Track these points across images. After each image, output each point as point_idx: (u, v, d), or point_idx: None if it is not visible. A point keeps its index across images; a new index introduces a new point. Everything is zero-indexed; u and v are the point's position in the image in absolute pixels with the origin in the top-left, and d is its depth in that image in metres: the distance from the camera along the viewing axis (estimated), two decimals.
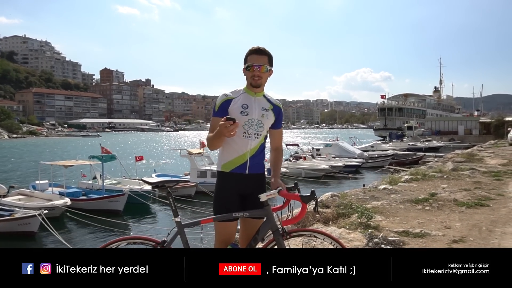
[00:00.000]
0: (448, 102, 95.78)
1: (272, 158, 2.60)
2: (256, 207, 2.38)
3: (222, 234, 2.44)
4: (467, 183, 8.01)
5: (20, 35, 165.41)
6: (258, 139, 2.46)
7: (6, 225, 12.15)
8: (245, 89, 2.51)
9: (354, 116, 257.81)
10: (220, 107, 2.44)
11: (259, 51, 2.47)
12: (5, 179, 22.62)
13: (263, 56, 2.46)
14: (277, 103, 2.58)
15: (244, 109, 2.43)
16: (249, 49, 2.50)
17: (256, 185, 2.46)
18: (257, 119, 2.44)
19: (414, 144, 41.10)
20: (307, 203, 2.27)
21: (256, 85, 2.46)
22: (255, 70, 2.42)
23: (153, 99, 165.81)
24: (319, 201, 6.33)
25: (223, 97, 2.47)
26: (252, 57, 2.45)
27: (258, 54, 2.45)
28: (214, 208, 2.45)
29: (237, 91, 2.51)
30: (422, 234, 4.33)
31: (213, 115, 2.46)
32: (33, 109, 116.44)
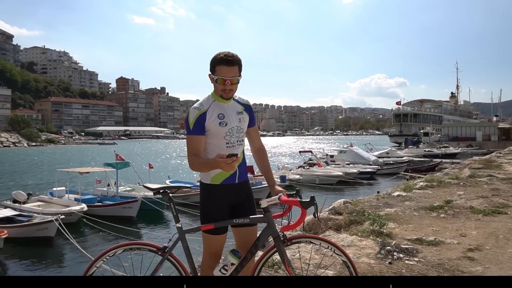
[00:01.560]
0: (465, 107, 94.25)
1: (260, 163, 2.56)
2: (246, 214, 2.36)
3: (212, 246, 2.38)
4: (484, 190, 7.79)
5: (39, 46, 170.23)
6: (242, 145, 2.43)
7: (25, 230, 12.41)
8: (214, 96, 2.33)
9: (369, 122, 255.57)
10: (195, 124, 2.25)
11: (230, 61, 2.22)
12: (25, 186, 23.10)
13: (234, 67, 2.24)
14: (246, 102, 2.44)
15: (221, 119, 2.29)
16: (216, 56, 2.25)
17: (245, 194, 2.43)
18: (236, 126, 2.34)
19: (430, 150, 40.45)
20: (307, 208, 2.23)
21: (227, 98, 2.31)
22: (226, 84, 2.24)
23: (168, 106, 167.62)
24: (331, 208, 6.35)
25: (195, 112, 2.26)
26: (221, 68, 2.22)
27: (228, 65, 2.22)
28: (204, 219, 2.34)
29: (207, 100, 2.32)
30: (436, 242, 4.21)
31: (189, 133, 2.26)
32: (51, 118, 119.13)
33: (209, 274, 2.35)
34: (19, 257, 11.48)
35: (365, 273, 3.38)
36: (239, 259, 2.30)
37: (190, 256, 2.36)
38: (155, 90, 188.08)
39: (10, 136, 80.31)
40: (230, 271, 2.28)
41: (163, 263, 2.32)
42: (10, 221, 13.18)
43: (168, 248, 2.32)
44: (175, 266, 2.35)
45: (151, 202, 15.32)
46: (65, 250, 12.18)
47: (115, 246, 2.34)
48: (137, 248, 2.37)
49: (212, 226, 2.31)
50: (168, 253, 2.32)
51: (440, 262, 3.62)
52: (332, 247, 2.33)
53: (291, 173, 24.95)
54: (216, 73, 2.24)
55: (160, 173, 25.69)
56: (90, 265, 2.31)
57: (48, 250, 12.15)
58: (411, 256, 3.80)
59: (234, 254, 2.30)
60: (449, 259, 3.72)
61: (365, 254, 3.87)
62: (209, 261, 2.39)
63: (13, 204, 15.23)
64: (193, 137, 2.26)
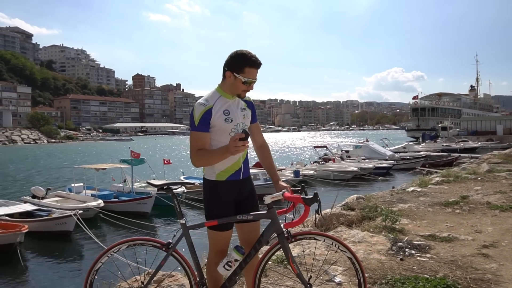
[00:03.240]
0: (485, 101, 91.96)
1: (263, 159, 2.55)
2: (250, 209, 2.37)
3: (217, 243, 2.38)
4: (503, 185, 7.59)
5: (58, 45, 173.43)
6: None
7: (44, 224, 12.75)
8: (220, 91, 2.30)
9: (385, 117, 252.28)
10: (200, 120, 2.20)
11: (260, 63, 2.25)
12: (44, 182, 23.66)
13: (258, 68, 2.27)
14: (248, 99, 2.43)
15: (227, 116, 2.26)
16: (245, 56, 2.22)
17: (248, 189, 2.44)
18: (241, 122, 2.33)
19: (448, 145, 39.67)
20: (310, 205, 2.20)
21: (243, 97, 2.34)
22: (251, 86, 2.27)
23: (183, 103, 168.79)
24: (344, 203, 6.28)
25: (201, 108, 2.21)
26: (252, 71, 2.23)
27: (257, 68, 2.25)
28: (209, 216, 2.34)
29: (212, 96, 2.29)
30: (450, 239, 4.12)
31: (194, 130, 2.22)
32: (70, 115, 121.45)
33: (214, 271, 2.36)
34: (39, 251, 11.80)
35: (375, 269, 3.33)
36: (243, 255, 2.29)
37: (194, 252, 2.36)
38: (170, 86, 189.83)
39: (31, 133, 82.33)
40: (234, 268, 2.28)
41: (168, 259, 2.34)
42: (30, 216, 13.56)
43: (172, 244, 2.33)
44: (179, 261, 2.36)
45: (165, 198, 15.48)
46: (83, 244, 12.47)
47: (119, 242, 2.36)
48: (141, 244, 2.38)
49: (216, 222, 2.29)
50: (172, 249, 2.32)
51: (453, 259, 3.53)
52: (336, 243, 2.30)
53: (306, 168, 24.85)
54: (244, 74, 2.20)
55: (175, 169, 25.90)
56: (96, 260, 2.33)
57: (67, 244, 12.46)
58: (423, 253, 3.72)
59: (238, 250, 2.29)
60: (462, 255, 3.62)
61: (376, 250, 3.80)
62: (214, 258, 2.39)
63: (32, 199, 15.65)
64: (198, 134, 2.22)
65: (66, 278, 9.75)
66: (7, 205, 14.15)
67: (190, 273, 2.34)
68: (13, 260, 10.36)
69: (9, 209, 13.48)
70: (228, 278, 2.33)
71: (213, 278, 2.42)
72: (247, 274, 2.47)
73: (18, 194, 19.20)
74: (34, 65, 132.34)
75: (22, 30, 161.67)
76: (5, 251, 10.54)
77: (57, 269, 10.52)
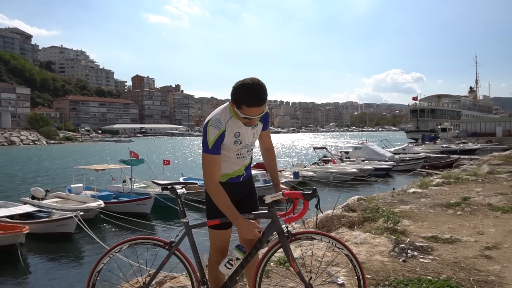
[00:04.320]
0: (484, 102, 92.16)
1: (267, 161, 2.60)
2: (250, 208, 2.41)
3: (218, 241, 2.43)
4: (504, 186, 7.58)
5: (57, 46, 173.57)
6: (251, 153, 2.47)
7: (45, 226, 12.73)
8: (232, 112, 2.24)
9: (385, 118, 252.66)
10: (214, 144, 2.20)
11: (261, 101, 2.09)
12: (43, 183, 23.62)
13: (263, 106, 2.14)
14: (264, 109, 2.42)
15: (237, 138, 2.28)
16: (244, 93, 2.07)
17: (248, 189, 2.49)
18: (250, 142, 2.37)
19: (448, 146, 39.71)
20: (309, 200, 2.26)
21: (249, 126, 2.30)
22: (252, 120, 2.20)
23: (183, 104, 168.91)
24: (345, 205, 6.27)
25: (215, 132, 2.18)
26: (251, 110, 2.10)
27: (259, 106, 2.11)
28: (211, 213, 2.37)
29: (224, 116, 2.24)
30: (452, 240, 4.11)
31: (208, 152, 2.20)
32: (69, 116, 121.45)
33: (215, 270, 2.39)
34: (40, 252, 11.78)
35: (378, 271, 3.32)
36: (244, 254, 2.32)
37: (196, 251, 2.39)
38: (170, 87, 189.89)
39: (30, 134, 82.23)
40: (235, 266, 2.31)
41: (170, 258, 2.36)
42: (30, 217, 13.52)
43: (174, 243, 2.35)
44: (181, 260, 2.38)
45: (165, 198, 15.46)
46: (84, 245, 12.46)
47: (121, 242, 2.37)
48: (142, 243, 2.39)
49: (218, 222, 2.34)
50: (175, 248, 2.35)
51: (456, 261, 3.52)
52: (333, 241, 2.33)
53: (305, 169, 24.83)
54: (242, 111, 2.11)
55: (175, 170, 25.89)
56: (98, 261, 2.33)
57: (68, 245, 12.45)
58: (425, 254, 3.70)
59: (239, 249, 2.32)
60: (465, 257, 3.61)
61: (378, 251, 3.79)
62: (215, 256, 2.43)
63: (32, 200, 15.60)
64: (212, 157, 2.23)
65: (68, 279, 9.74)
66: (7, 207, 14.12)
67: (191, 272, 2.37)
68: (14, 261, 10.36)
69: (9, 211, 13.45)
70: (229, 277, 2.35)
71: (215, 277, 2.45)
72: (248, 273, 2.48)
73: (18, 195, 19.16)
74: (33, 66, 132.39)
75: (22, 31, 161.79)
76: (6, 252, 10.53)
77: (58, 270, 10.51)
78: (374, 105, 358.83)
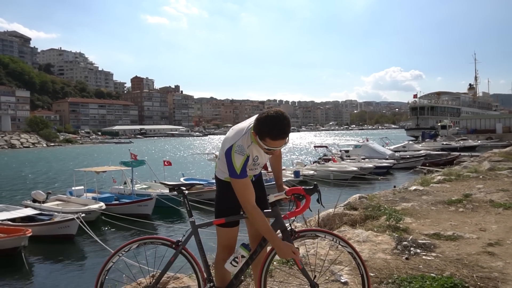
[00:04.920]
0: (484, 99, 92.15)
1: (273, 163, 2.67)
2: (259, 208, 2.40)
3: (225, 239, 2.46)
4: (505, 183, 7.59)
5: (56, 48, 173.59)
6: (262, 165, 2.53)
7: (47, 228, 12.75)
8: (253, 138, 2.24)
9: (384, 116, 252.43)
10: (242, 169, 2.24)
11: (284, 134, 2.13)
12: (44, 186, 23.63)
13: (286, 138, 2.16)
14: None
15: (256, 161, 2.39)
16: (269, 128, 2.11)
17: (258, 187, 2.49)
18: (266, 160, 2.48)
19: (448, 143, 39.72)
20: (311, 195, 2.32)
21: (269, 155, 2.39)
22: (274, 152, 2.27)
23: (182, 105, 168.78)
24: (346, 203, 6.28)
25: (240, 158, 2.22)
26: (275, 143, 2.14)
27: (283, 139, 2.14)
28: (219, 212, 2.43)
29: (246, 142, 2.27)
30: (454, 237, 4.11)
31: (238, 178, 2.24)
32: (69, 118, 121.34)
33: (222, 267, 2.42)
34: (43, 254, 11.80)
35: (381, 269, 3.32)
36: (249, 252, 2.36)
37: (203, 250, 2.42)
38: (169, 88, 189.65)
39: (30, 137, 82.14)
40: (241, 264, 2.34)
41: (177, 257, 2.39)
42: (32, 220, 13.54)
43: (181, 242, 2.39)
44: (188, 259, 2.41)
45: (166, 199, 15.47)
46: (86, 247, 12.48)
47: (130, 241, 2.40)
48: (151, 242, 2.43)
49: (223, 221, 2.39)
50: (181, 247, 2.38)
51: (459, 258, 3.53)
52: (337, 239, 2.37)
53: (306, 168, 24.84)
54: (265, 143, 2.14)
55: (175, 171, 25.89)
56: (107, 260, 2.37)
57: (70, 247, 12.48)
58: (428, 252, 3.71)
59: (245, 247, 2.36)
60: (468, 254, 3.62)
61: (381, 249, 3.80)
62: (222, 254, 2.45)
63: (33, 203, 15.60)
64: (242, 182, 2.26)
65: (71, 281, 9.76)
66: (8, 210, 14.13)
67: (198, 270, 2.40)
68: (18, 264, 10.39)
69: (10, 214, 13.47)
70: (235, 275, 2.39)
71: (221, 274, 2.47)
72: (255, 271, 2.52)
73: (19, 198, 19.16)
74: (33, 69, 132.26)
75: (20, 34, 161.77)
76: (10, 255, 10.55)
77: (61, 272, 10.54)
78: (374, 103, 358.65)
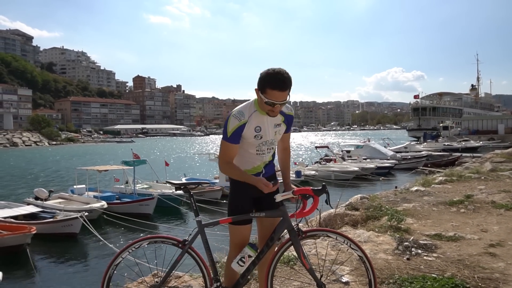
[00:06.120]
0: (486, 100, 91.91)
1: (282, 161, 2.65)
2: (270, 207, 2.41)
3: (237, 237, 2.45)
4: (506, 184, 7.59)
5: (58, 47, 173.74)
6: (271, 152, 2.49)
7: (50, 227, 12.77)
8: (256, 105, 2.29)
9: (386, 117, 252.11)
10: (233, 133, 2.26)
11: (284, 85, 2.14)
12: (46, 184, 23.67)
13: (287, 91, 2.17)
14: (289, 112, 2.43)
15: (257, 133, 2.31)
16: (269, 77, 2.14)
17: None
18: (271, 139, 2.39)
19: (450, 144, 39.63)
20: (319, 196, 2.30)
21: (273, 116, 2.31)
22: (275, 107, 2.21)
23: (184, 104, 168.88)
24: (348, 203, 6.28)
25: (235, 122, 2.25)
26: (274, 93, 2.14)
27: (282, 91, 2.15)
28: (230, 211, 2.45)
29: (249, 109, 2.29)
30: (456, 238, 4.12)
31: (226, 140, 2.29)
32: (70, 117, 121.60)
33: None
34: (46, 252, 11.83)
35: (382, 269, 3.33)
36: (256, 251, 2.36)
37: (209, 249, 2.44)
38: (171, 88, 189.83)
39: (32, 135, 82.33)
40: (247, 264, 2.35)
41: (184, 256, 2.40)
42: (34, 218, 13.58)
43: (188, 242, 2.40)
44: (195, 259, 2.42)
45: (167, 199, 15.48)
46: (89, 245, 12.50)
47: (141, 239, 2.42)
48: (161, 241, 2.46)
49: (230, 220, 2.40)
50: (188, 246, 2.39)
51: (460, 258, 3.53)
52: (348, 241, 2.35)
53: (307, 168, 24.83)
54: (266, 94, 2.16)
55: (177, 171, 25.93)
56: (117, 255, 2.39)
57: (73, 245, 12.49)
58: (429, 252, 3.72)
59: (252, 247, 2.37)
60: (469, 255, 3.63)
61: (382, 250, 3.81)
62: (234, 252, 2.45)
63: (35, 201, 15.65)
64: (229, 145, 2.31)
65: (75, 278, 9.79)
66: (11, 207, 14.18)
67: (204, 270, 2.41)
68: (22, 261, 10.41)
69: (13, 211, 13.51)
70: (242, 275, 2.39)
71: (230, 273, 2.47)
72: (261, 271, 2.52)
73: (21, 196, 19.21)
74: (35, 67, 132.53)
75: (23, 32, 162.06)
76: (15, 252, 10.60)
77: (65, 269, 10.57)
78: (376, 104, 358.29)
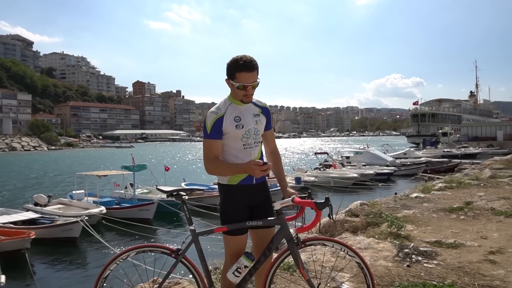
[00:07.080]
0: (485, 106, 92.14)
1: (273, 165, 2.52)
2: (264, 216, 2.34)
3: (232, 247, 2.37)
4: (506, 191, 7.60)
5: (58, 52, 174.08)
6: (258, 147, 2.42)
7: (50, 231, 12.68)
8: (231, 99, 2.34)
9: (385, 123, 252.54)
10: (212, 128, 2.26)
11: (250, 67, 2.20)
12: (45, 189, 23.60)
13: (254, 72, 2.22)
14: (263, 105, 2.45)
15: (238, 122, 2.30)
16: (235, 62, 2.21)
17: (263, 194, 2.42)
18: (253, 128, 2.35)
19: (449, 150, 39.67)
20: (322, 209, 2.20)
21: (247, 102, 2.33)
22: (248, 90, 2.24)
23: (183, 109, 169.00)
24: (347, 210, 6.28)
25: (212, 116, 2.27)
26: (242, 75, 2.20)
27: (249, 71, 2.20)
28: (223, 220, 2.35)
29: (223, 104, 2.33)
30: (456, 245, 4.12)
31: (207, 137, 2.28)
32: (70, 122, 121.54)
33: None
34: (46, 257, 11.75)
35: (383, 276, 3.33)
36: (252, 261, 2.28)
37: (204, 258, 2.36)
38: (171, 93, 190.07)
39: (31, 140, 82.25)
40: (244, 274, 2.27)
41: (176, 266, 2.33)
42: (33, 223, 13.49)
43: (181, 251, 2.33)
44: (189, 268, 2.35)
45: (168, 204, 15.44)
46: (89, 250, 12.43)
47: (128, 249, 2.34)
48: (150, 251, 2.38)
49: (225, 229, 2.30)
50: (182, 256, 2.32)
51: (460, 265, 3.53)
52: (345, 249, 2.30)
53: (306, 174, 24.81)
54: (236, 79, 2.22)
55: (176, 176, 25.89)
56: (105, 267, 2.32)
57: (73, 250, 12.39)
58: (430, 259, 3.72)
59: (248, 256, 2.28)
60: (469, 262, 3.63)
61: (382, 257, 3.81)
62: (230, 262, 2.37)
63: (34, 207, 15.58)
64: (210, 141, 2.28)
65: (74, 283, 9.74)
66: (9, 213, 14.09)
67: (199, 280, 2.34)
68: (21, 265, 10.34)
69: (11, 217, 13.42)
70: (238, 285, 2.32)
71: (226, 282, 2.39)
72: (258, 280, 2.46)
73: (20, 202, 19.12)
74: (35, 72, 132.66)
75: (23, 37, 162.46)
76: (13, 257, 10.52)
77: (64, 274, 10.50)
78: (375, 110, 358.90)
